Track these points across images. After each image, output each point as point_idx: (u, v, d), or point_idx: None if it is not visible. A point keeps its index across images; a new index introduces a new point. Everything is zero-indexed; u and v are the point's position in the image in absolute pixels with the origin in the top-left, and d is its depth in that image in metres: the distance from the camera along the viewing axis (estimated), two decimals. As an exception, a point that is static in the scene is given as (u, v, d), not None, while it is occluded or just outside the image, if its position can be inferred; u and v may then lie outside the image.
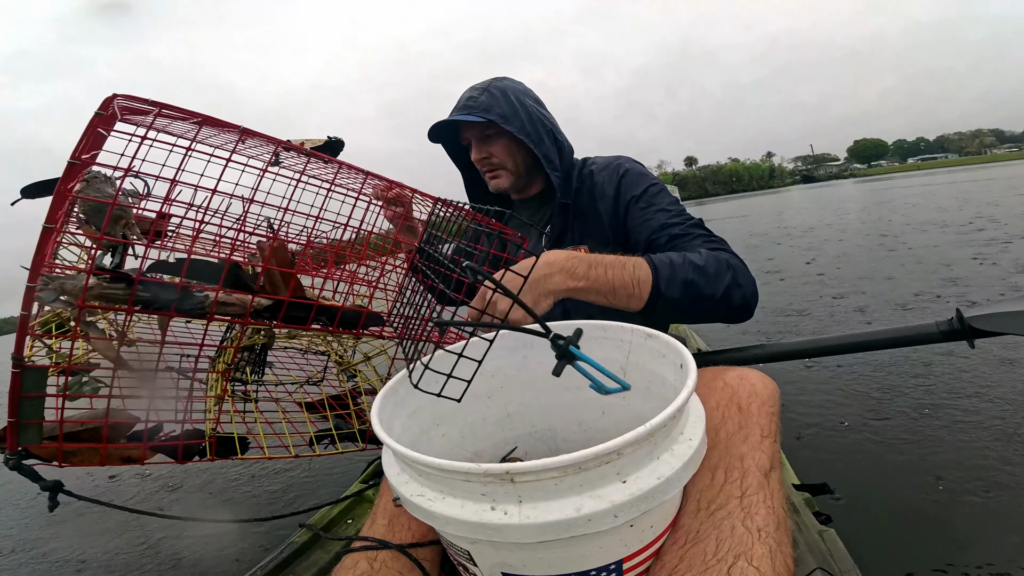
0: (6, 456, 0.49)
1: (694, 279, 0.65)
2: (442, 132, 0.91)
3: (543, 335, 0.40)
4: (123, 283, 0.51)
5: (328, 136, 0.76)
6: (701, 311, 0.68)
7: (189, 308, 0.54)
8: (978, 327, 0.63)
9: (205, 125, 0.54)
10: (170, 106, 0.52)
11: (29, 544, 1.53)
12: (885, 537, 1.04)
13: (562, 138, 0.91)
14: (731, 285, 0.67)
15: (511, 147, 0.88)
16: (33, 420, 0.50)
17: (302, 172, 0.65)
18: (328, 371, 0.95)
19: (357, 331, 0.64)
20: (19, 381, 0.47)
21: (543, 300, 0.61)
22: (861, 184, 34.76)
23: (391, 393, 0.49)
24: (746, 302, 0.69)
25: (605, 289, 0.64)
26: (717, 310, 0.68)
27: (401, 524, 0.55)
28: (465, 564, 0.42)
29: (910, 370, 1.85)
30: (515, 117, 0.84)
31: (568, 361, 0.39)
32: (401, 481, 0.40)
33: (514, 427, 0.62)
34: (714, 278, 0.66)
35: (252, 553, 1.24)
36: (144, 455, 0.56)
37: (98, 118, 0.48)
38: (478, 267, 0.39)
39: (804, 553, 0.58)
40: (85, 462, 0.54)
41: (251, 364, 0.83)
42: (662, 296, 0.64)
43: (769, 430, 0.50)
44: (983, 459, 1.25)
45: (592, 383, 0.39)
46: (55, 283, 0.48)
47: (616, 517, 0.33)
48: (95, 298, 0.50)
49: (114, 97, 0.49)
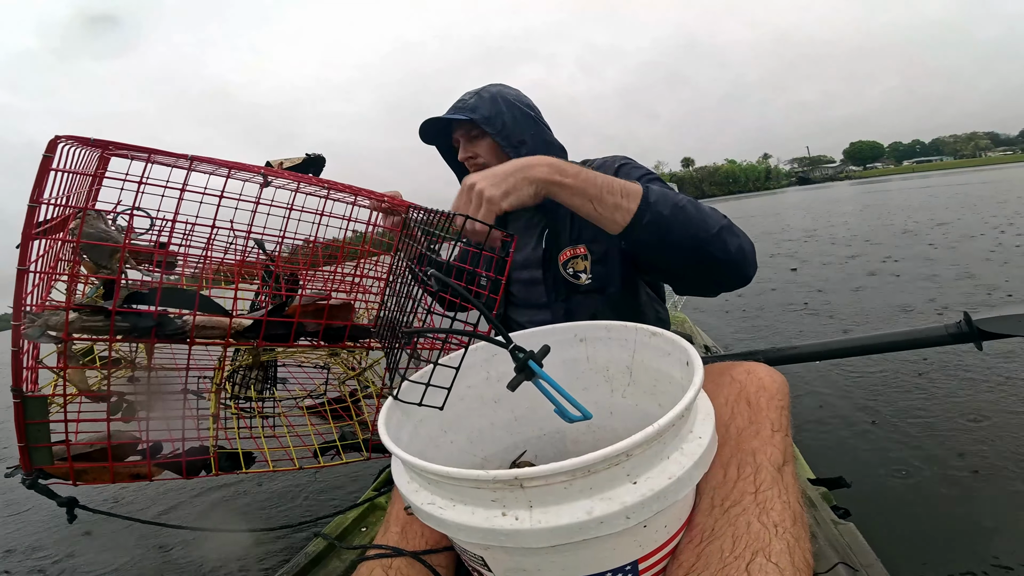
0: (23, 476, 0.53)
1: (685, 205, 0.60)
2: (437, 135, 0.94)
3: (504, 345, 0.39)
4: (101, 315, 0.54)
5: (307, 153, 0.77)
6: (692, 241, 0.59)
7: (170, 334, 0.57)
8: (986, 329, 0.65)
9: (152, 161, 0.55)
10: (119, 144, 0.54)
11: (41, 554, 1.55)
12: (904, 529, 1.02)
13: (552, 140, 0.92)
14: (725, 228, 0.60)
15: (495, 148, 0.89)
16: (40, 444, 0.53)
17: (290, 204, 0.65)
18: (329, 384, 0.96)
19: (343, 344, 0.65)
20: (22, 410, 0.51)
21: (525, 186, 0.57)
22: (857, 186, 34.45)
23: (397, 403, 0.49)
24: (742, 252, 0.61)
25: (592, 192, 0.59)
26: (711, 246, 0.59)
27: (415, 531, 0.56)
28: (480, 570, 0.42)
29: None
30: (497, 119, 0.85)
31: (526, 377, 0.38)
32: (412, 490, 0.40)
33: (523, 431, 0.62)
34: (708, 214, 0.60)
35: (268, 563, 1.25)
36: (150, 472, 0.59)
37: (47, 160, 0.49)
38: (441, 275, 0.39)
39: (824, 547, 0.57)
40: (97, 480, 0.57)
41: (260, 381, 0.84)
42: (650, 208, 0.58)
43: (780, 424, 0.50)
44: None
45: (555, 407, 0.38)
46: (40, 320, 0.51)
47: (628, 518, 0.33)
48: (78, 331, 0.53)
49: (58, 139, 0.50)
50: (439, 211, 0.59)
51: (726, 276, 0.63)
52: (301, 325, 0.66)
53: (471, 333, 0.41)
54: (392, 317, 0.58)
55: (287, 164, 0.75)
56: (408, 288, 0.60)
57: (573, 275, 0.86)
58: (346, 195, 0.71)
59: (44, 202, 0.51)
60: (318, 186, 0.67)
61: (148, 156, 0.54)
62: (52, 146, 0.50)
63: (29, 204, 0.50)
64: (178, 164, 0.56)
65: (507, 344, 0.39)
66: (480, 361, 0.59)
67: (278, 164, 0.74)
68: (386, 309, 0.63)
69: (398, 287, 0.64)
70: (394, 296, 0.64)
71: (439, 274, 0.39)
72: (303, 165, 0.77)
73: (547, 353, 0.40)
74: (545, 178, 0.58)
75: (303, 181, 0.67)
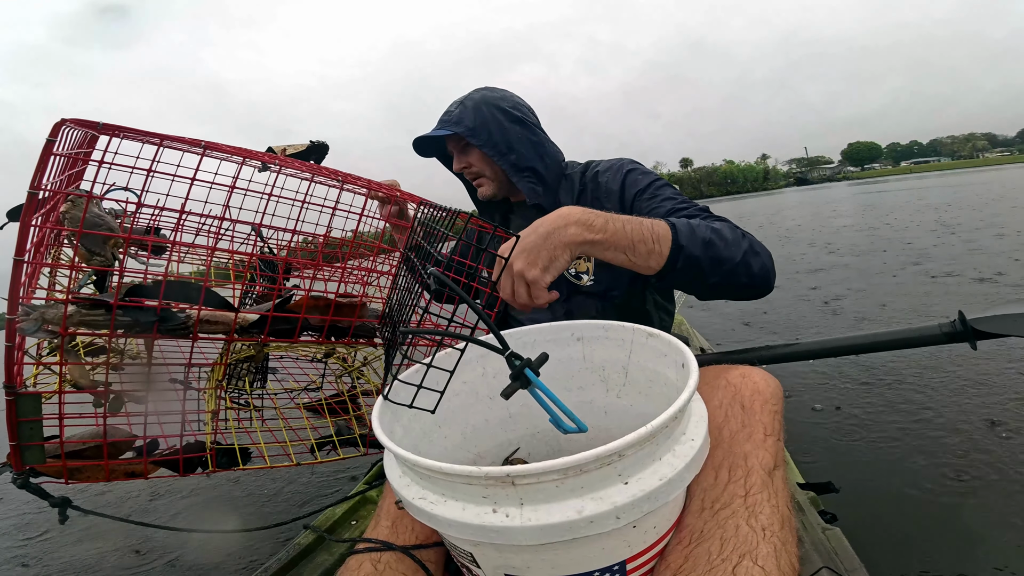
0: (13, 476, 0.51)
1: (712, 239, 0.63)
2: (432, 147, 0.96)
3: (500, 352, 0.38)
4: (102, 309, 0.52)
5: (311, 140, 0.76)
6: (721, 274, 0.64)
7: (172, 329, 0.55)
8: (980, 329, 0.64)
9: (164, 145, 0.53)
10: (123, 127, 0.52)
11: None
12: (890, 535, 1.03)
13: (543, 138, 0.92)
14: (748, 251, 0.65)
15: (485, 156, 0.89)
16: (33, 442, 0.51)
17: (294, 188, 0.64)
18: (326, 378, 0.95)
19: (347, 340, 0.64)
20: (14, 407, 0.49)
21: (561, 253, 0.58)
22: (854, 186, 34.69)
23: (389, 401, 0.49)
24: (765, 271, 0.67)
25: (624, 243, 0.60)
26: (737, 274, 0.65)
27: (405, 526, 0.56)
28: (468, 566, 0.42)
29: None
30: (482, 129, 0.85)
31: (522, 385, 0.37)
32: (403, 484, 0.40)
33: (517, 428, 0.62)
34: (732, 242, 0.65)
35: (257, 554, 1.24)
36: (146, 470, 0.57)
37: (49, 144, 0.47)
38: (441, 275, 0.38)
39: (809, 552, 0.58)
40: (91, 478, 0.55)
41: (252, 374, 0.83)
42: (683, 250, 0.61)
43: (772, 428, 0.50)
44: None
45: (550, 417, 0.37)
46: (36, 313, 0.49)
47: (618, 519, 0.33)
48: (76, 325, 0.51)
49: (63, 122, 0.48)
50: (447, 208, 0.59)
51: (751, 294, 0.69)
52: (306, 320, 0.64)
53: (467, 338, 0.40)
54: (394, 314, 0.58)
55: (290, 151, 0.74)
56: (408, 284, 0.60)
57: (575, 275, 0.86)
58: (357, 186, 0.70)
59: (45, 188, 0.49)
60: (319, 175, 0.66)
61: (160, 141, 0.52)
62: (55, 130, 0.48)
63: (29, 191, 0.48)
64: (192, 150, 0.54)
65: (503, 350, 0.38)
66: (476, 357, 0.59)
67: (281, 150, 0.73)
68: (390, 306, 0.62)
69: (401, 283, 0.64)
70: (397, 293, 0.64)
71: (439, 273, 0.39)
72: (306, 152, 0.76)
73: (545, 361, 0.39)
74: (578, 240, 0.59)
75: (303, 169, 0.66)
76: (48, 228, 0.53)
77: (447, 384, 0.45)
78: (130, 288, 0.55)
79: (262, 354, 0.83)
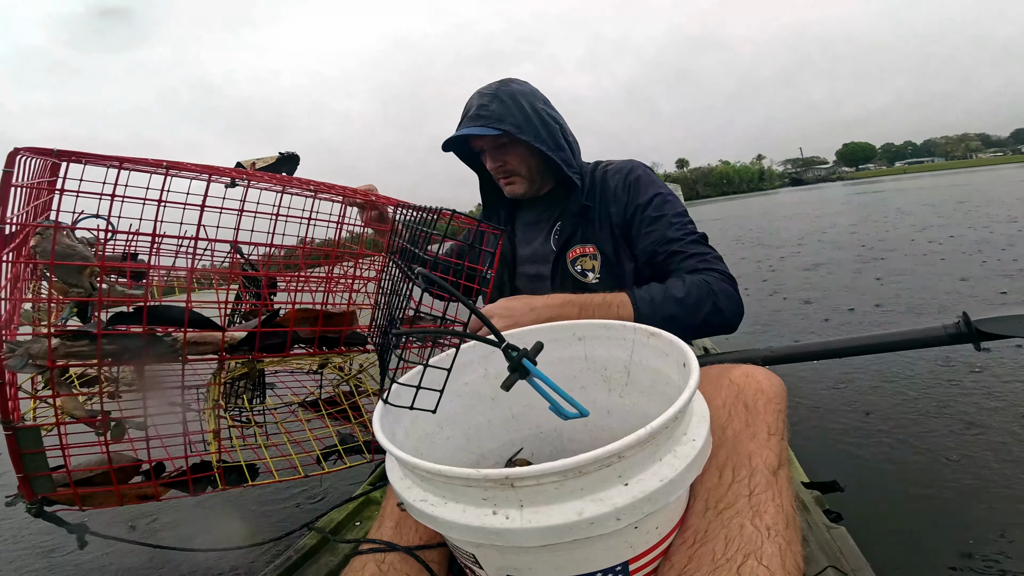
0: (27, 505, 0.51)
1: (674, 313, 0.72)
2: (454, 142, 0.90)
3: (496, 344, 0.38)
4: (86, 339, 0.52)
5: (280, 152, 0.75)
6: (684, 336, 0.71)
7: (160, 353, 0.55)
8: (984, 330, 0.64)
9: (124, 167, 0.52)
10: (81, 153, 0.50)
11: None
12: (896, 534, 1.02)
13: (571, 137, 0.91)
14: (710, 312, 0.74)
15: (525, 154, 0.88)
16: (40, 472, 0.51)
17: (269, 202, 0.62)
18: (324, 388, 0.95)
19: (340, 349, 0.64)
20: (15, 441, 0.49)
21: (531, 322, 0.64)
22: (849, 187, 34.42)
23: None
24: (726, 322, 0.76)
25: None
26: (699, 332, 0.77)
27: (408, 526, 0.56)
28: (471, 567, 0.42)
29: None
30: (528, 125, 0.83)
31: (521, 376, 0.37)
32: (404, 486, 0.40)
33: (519, 428, 0.62)
34: (693, 308, 0.73)
35: (263, 556, 1.25)
36: (157, 492, 0.58)
37: (7, 175, 0.46)
38: (429, 273, 0.39)
39: (815, 551, 0.57)
40: (104, 504, 0.55)
41: (250, 390, 0.83)
42: (643, 320, 0.68)
43: (776, 428, 0.50)
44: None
45: (551, 405, 0.37)
46: (21, 348, 0.49)
47: (618, 520, 0.33)
48: (63, 357, 0.51)
49: (17, 151, 0.47)
50: (428, 208, 0.59)
51: (713, 335, 0.79)
52: (295, 333, 0.64)
53: (462, 333, 0.41)
54: (384, 318, 0.58)
55: (260, 164, 0.72)
56: (397, 286, 0.60)
57: (580, 272, 0.86)
58: (332, 195, 0.69)
59: (10, 222, 0.47)
60: (289, 186, 0.64)
61: (120, 164, 0.51)
62: (11, 160, 0.46)
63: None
64: (155, 171, 0.53)
65: (499, 343, 0.38)
66: (478, 358, 0.59)
67: (250, 164, 0.72)
68: (379, 310, 0.62)
69: (388, 287, 0.63)
70: (385, 296, 0.64)
71: (427, 272, 0.39)
72: (276, 164, 0.74)
73: (540, 350, 0.39)
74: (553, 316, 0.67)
75: (274, 181, 0.64)
76: (21, 263, 0.53)
77: (446, 382, 0.44)
78: (112, 316, 0.54)
79: (256, 371, 0.82)
